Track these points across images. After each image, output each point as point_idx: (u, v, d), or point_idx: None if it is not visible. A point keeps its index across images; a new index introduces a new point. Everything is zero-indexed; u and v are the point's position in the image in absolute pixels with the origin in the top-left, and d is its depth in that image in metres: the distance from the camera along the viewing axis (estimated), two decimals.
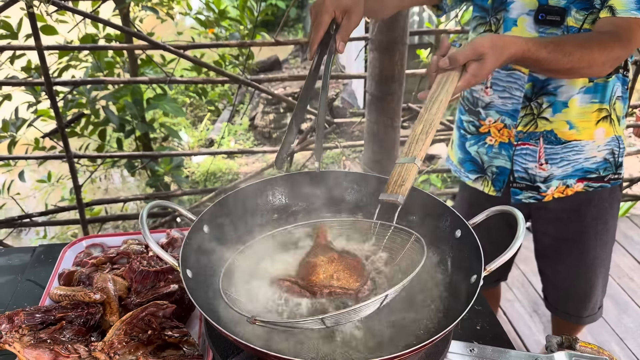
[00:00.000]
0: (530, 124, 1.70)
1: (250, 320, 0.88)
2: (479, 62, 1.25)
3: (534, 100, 1.66)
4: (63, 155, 3.12)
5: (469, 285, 1.00)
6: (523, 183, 1.80)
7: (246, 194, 1.26)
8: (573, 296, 2.04)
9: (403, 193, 1.12)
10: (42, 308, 1.25)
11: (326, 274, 1.08)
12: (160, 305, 1.20)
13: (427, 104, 1.25)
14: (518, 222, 1.04)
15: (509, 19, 1.60)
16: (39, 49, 2.66)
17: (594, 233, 1.87)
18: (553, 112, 1.65)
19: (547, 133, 1.69)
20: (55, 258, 1.49)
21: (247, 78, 3.11)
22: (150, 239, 1.00)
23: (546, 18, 1.52)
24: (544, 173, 1.75)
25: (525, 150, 1.74)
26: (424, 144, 1.18)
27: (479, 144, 1.85)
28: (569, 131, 1.67)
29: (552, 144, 1.71)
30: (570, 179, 1.76)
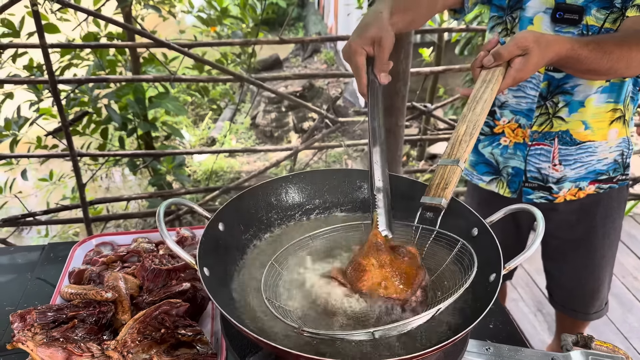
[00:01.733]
0: (545, 124, 1.67)
1: (297, 331, 0.87)
2: (523, 57, 1.22)
3: (549, 100, 1.63)
4: (67, 154, 3.11)
5: (487, 284, 0.99)
6: (535, 183, 1.78)
7: (260, 192, 1.25)
8: (580, 294, 2.04)
9: (447, 197, 1.10)
10: (54, 307, 1.24)
11: (374, 280, 1.03)
12: (173, 304, 1.19)
13: (471, 103, 1.22)
14: (537, 220, 1.03)
15: (525, 17, 1.58)
16: (43, 47, 2.65)
17: (602, 233, 1.87)
18: (569, 112, 1.63)
19: (562, 133, 1.67)
20: (64, 256, 1.48)
21: (251, 77, 3.10)
22: (167, 236, 0.99)
23: (564, 16, 1.49)
24: (557, 174, 1.73)
25: (540, 150, 1.72)
26: (468, 146, 1.15)
27: (493, 144, 1.83)
28: (584, 132, 1.65)
29: (566, 145, 1.68)
30: (582, 182, 1.74)
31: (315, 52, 9.38)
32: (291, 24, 10.90)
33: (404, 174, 4.22)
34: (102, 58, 3.59)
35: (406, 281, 1.02)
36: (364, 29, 1.31)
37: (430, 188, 1.13)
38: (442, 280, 1.08)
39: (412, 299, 1.00)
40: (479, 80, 1.25)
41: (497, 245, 1.03)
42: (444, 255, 1.09)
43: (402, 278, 1.03)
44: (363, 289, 1.02)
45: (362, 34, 1.30)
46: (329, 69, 8.70)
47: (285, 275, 1.10)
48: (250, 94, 7.31)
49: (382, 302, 1.01)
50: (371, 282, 1.02)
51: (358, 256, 1.08)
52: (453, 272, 1.07)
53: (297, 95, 6.56)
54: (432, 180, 1.15)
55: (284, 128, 6.49)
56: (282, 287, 1.08)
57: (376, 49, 1.29)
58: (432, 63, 4.31)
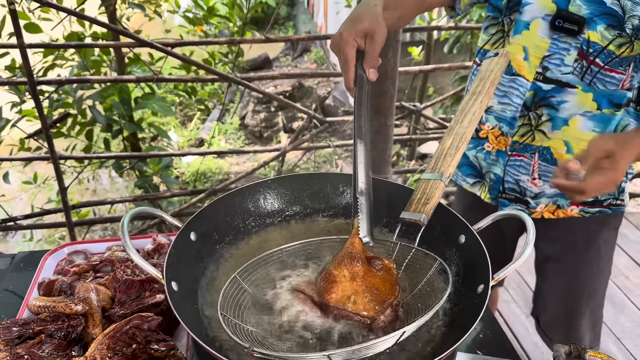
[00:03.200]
0: (527, 136, 1.58)
1: (247, 350, 0.81)
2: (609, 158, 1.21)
3: (532, 110, 1.54)
4: (48, 157, 3.03)
5: (475, 295, 0.94)
6: (512, 195, 1.69)
7: (236, 198, 1.19)
8: (556, 323, 1.91)
9: (427, 213, 1.05)
10: (20, 321, 1.17)
11: (343, 293, 0.96)
12: (145, 318, 1.13)
13: (459, 115, 1.17)
14: (528, 228, 0.98)
15: (521, 21, 1.48)
16: (21, 47, 2.57)
17: (586, 259, 1.74)
18: (552, 128, 1.53)
19: (543, 149, 1.57)
20: (35, 266, 1.41)
21: (237, 76, 3.04)
22: (131, 249, 0.93)
23: (563, 25, 1.40)
24: (535, 189, 1.64)
25: (519, 162, 1.63)
26: (453, 160, 1.10)
27: (477, 148, 1.74)
28: (565, 154, 1.55)
29: (547, 162, 1.59)
30: (562, 199, 1.63)
31: (305, 51, 9.31)
32: (281, 23, 10.83)
33: (394, 174, 4.17)
34: (86, 58, 3.52)
35: (377, 298, 0.96)
36: (357, 20, 1.23)
37: (411, 203, 1.08)
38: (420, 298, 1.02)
39: (381, 318, 0.94)
40: (470, 91, 1.21)
41: (486, 254, 0.98)
42: (425, 271, 1.03)
43: (374, 294, 0.96)
44: (330, 302, 0.96)
45: (355, 25, 1.22)
46: (319, 68, 8.64)
47: (249, 288, 1.03)
48: (239, 94, 7.25)
49: (347, 318, 0.95)
50: (340, 294, 0.96)
51: (330, 265, 1.02)
52: (433, 291, 1.01)
53: (286, 95, 6.49)
54: (413, 195, 1.10)
55: (274, 128, 6.42)
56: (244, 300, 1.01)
57: (368, 43, 1.22)
58: (422, 62, 4.27)
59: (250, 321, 0.97)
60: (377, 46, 1.22)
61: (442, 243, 1.12)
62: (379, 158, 3.03)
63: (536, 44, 1.46)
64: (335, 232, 1.21)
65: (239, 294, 1.00)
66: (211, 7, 4.29)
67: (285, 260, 1.10)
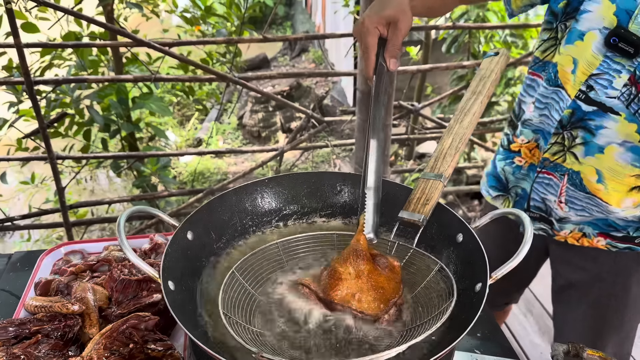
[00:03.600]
0: (558, 155, 1.44)
1: (256, 356, 0.80)
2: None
3: (567, 130, 1.39)
4: (45, 157, 3.02)
5: (473, 294, 0.94)
6: (537, 213, 1.56)
7: (234, 197, 1.19)
8: None
9: (426, 213, 1.04)
10: (16, 321, 1.17)
11: (348, 291, 0.96)
12: (142, 317, 1.12)
13: (458, 115, 1.15)
14: (525, 226, 0.97)
15: (575, 30, 1.31)
16: (17, 47, 2.56)
17: (612, 293, 1.56)
18: (585, 153, 1.38)
19: (573, 173, 1.43)
20: (32, 266, 1.41)
21: (235, 76, 3.03)
22: (127, 248, 0.92)
23: (618, 44, 1.23)
24: (560, 212, 1.50)
25: (548, 180, 1.49)
26: (453, 160, 1.09)
27: (506, 161, 1.63)
28: (596, 183, 1.39)
29: (575, 188, 1.44)
30: (588, 227, 1.49)
31: (303, 51, 9.31)
32: (279, 23, 10.84)
33: (392, 173, 4.17)
34: (83, 58, 3.51)
35: (382, 297, 0.96)
36: (382, 7, 1.19)
37: (410, 202, 1.07)
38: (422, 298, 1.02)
39: (385, 317, 0.94)
40: (469, 90, 1.18)
41: (483, 252, 0.97)
42: (424, 271, 1.03)
43: (378, 293, 0.96)
44: (335, 299, 0.96)
45: (379, 12, 1.19)
46: (317, 67, 8.63)
47: (248, 286, 1.03)
48: (237, 94, 7.24)
49: (351, 316, 0.95)
50: (345, 292, 0.96)
51: (336, 262, 1.01)
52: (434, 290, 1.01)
53: (284, 94, 6.48)
54: (412, 194, 1.09)
55: (272, 128, 6.42)
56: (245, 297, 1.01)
57: (391, 31, 1.18)
58: (419, 61, 4.26)
59: (253, 319, 0.97)
60: (400, 35, 1.19)
61: (439, 241, 1.12)
62: None
63: (587, 59, 1.30)
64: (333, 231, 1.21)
65: (238, 291, 1.00)
66: (209, 7, 4.28)
67: (283, 255, 1.10)
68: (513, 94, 4.23)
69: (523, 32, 4.04)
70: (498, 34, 4.08)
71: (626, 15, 1.21)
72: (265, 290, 1.04)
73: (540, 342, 2.90)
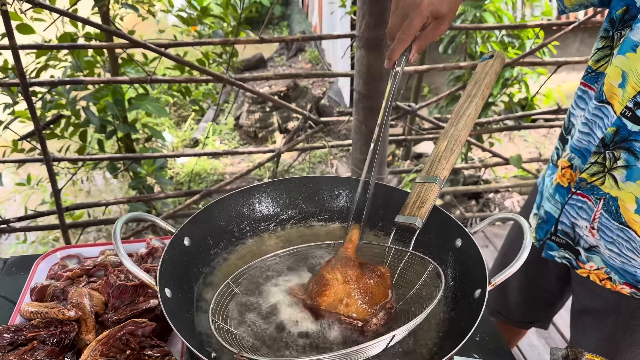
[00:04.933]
0: (597, 176, 1.32)
1: (236, 356, 0.80)
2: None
3: (610, 150, 1.27)
4: (41, 159, 3.01)
5: (472, 300, 0.93)
6: (564, 239, 1.46)
7: (230, 202, 1.18)
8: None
9: (422, 216, 1.03)
10: (12, 327, 1.16)
11: (335, 296, 0.96)
12: (138, 324, 1.11)
13: (454, 118, 1.15)
14: (524, 232, 0.97)
15: (629, 40, 1.18)
16: (13, 48, 2.55)
17: (627, 327, 1.46)
18: (626, 177, 1.25)
19: (609, 198, 1.31)
20: (28, 270, 1.39)
21: (231, 77, 3.02)
22: (123, 255, 0.91)
23: None
24: (591, 239, 1.39)
25: (582, 203, 1.38)
26: (448, 162, 1.08)
27: (551, 176, 1.53)
28: (633, 213, 1.26)
29: (609, 215, 1.32)
30: (615, 274, 1.40)
31: (299, 51, 9.30)
32: (275, 23, 10.82)
33: (390, 174, 4.16)
34: (79, 59, 3.49)
35: (370, 301, 0.96)
36: None
37: (406, 206, 1.06)
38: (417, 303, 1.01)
39: (373, 321, 0.93)
40: (465, 93, 1.17)
41: (482, 258, 0.97)
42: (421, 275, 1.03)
43: (366, 297, 0.96)
44: (322, 305, 0.96)
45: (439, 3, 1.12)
46: (313, 68, 8.62)
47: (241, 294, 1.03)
48: (233, 95, 7.23)
49: (339, 322, 0.94)
50: (332, 298, 0.96)
51: (323, 269, 1.01)
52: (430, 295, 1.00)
53: (281, 95, 6.47)
54: (408, 198, 1.08)
55: (269, 128, 6.40)
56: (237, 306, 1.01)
57: (433, 25, 1.13)
58: (416, 62, 4.26)
59: (242, 326, 0.96)
60: (438, 34, 1.15)
61: (438, 246, 1.11)
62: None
63: (638, 73, 1.17)
64: (331, 236, 1.20)
65: (231, 300, 1.00)
66: (205, 7, 4.27)
67: (280, 265, 1.09)
68: (510, 94, 4.23)
69: (520, 33, 4.03)
70: (495, 35, 4.08)
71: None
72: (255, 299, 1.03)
73: (538, 344, 2.90)
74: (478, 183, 4.52)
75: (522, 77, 4.11)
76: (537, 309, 1.89)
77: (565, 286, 1.70)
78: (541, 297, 1.81)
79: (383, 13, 2.62)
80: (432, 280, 1.02)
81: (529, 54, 3.29)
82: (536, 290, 1.02)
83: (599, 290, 1.46)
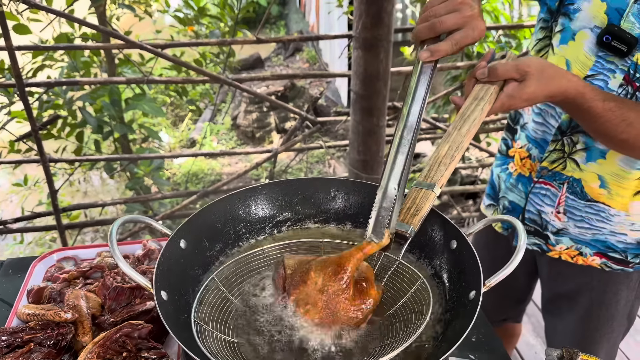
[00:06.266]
0: (558, 163, 1.41)
1: None
2: (520, 83, 1.09)
3: (567, 136, 1.36)
4: (37, 160, 3.00)
5: (467, 302, 0.93)
6: (532, 227, 1.53)
7: (227, 204, 1.18)
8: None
9: (415, 224, 1.02)
10: (8, 329, 1.16)
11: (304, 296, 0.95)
12: (135, 326, 1.12)
13: (457, 121, 1.11)
14: (518, 233, 0.97)
15: (569, 29, 1.28)
16: (9, 49, 2.54)
17: (601, 302, 1.54)
18: (586, 159, 1.35)
19: (573, 181, 1.39)
20: (24, 272, 1.39)
21: (228, 77, 3.02)
22: (119, 258, 0.92)
23: (611, 42, 1.20)
24: (558, 223, 1.47)
25: (545, 191, 1.46)
26: (447, 169, 1.05)
27: (502, 167, 1.60)
28: (598, 189, 1.36)
29: (575, 196, 1.40)
30: (586, 247, 1.47)
31: (297, 50, 9.30)
32: (272, 22, 10.82)
33: None
34: (76, 59, 3.49)
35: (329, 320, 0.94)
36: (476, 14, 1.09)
37: (400, 213, 1.05)
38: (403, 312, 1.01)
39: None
40: (471, 96, 1.14)
41: (477, 259, 0.97)
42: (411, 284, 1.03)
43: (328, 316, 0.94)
44: (290, 298, 0.97)
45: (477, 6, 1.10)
46: (310, 67, 8.63)
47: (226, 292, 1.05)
48: (230, 94, 7.22)
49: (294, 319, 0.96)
50: (301, 296, 0.95)
51: (316, 264, 0.99)
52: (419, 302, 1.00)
53: (278, 94, 6.47)
54: (403, 204, 1.06)
55: (266, 128, 6.41)
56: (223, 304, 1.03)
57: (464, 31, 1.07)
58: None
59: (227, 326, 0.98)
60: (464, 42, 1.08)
61: (432, 248, 1.11)
62: (372, 159, 3.02)
63: (580, 59, 1.27)
64: (327, 238, 1.21)
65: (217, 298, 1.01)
66: (202, 7, 4.27)
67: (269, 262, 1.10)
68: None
69: (516, 33, 4.04)
70: (492, 35, 4.09)
71: (617, 14, 1.19)
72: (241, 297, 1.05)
73: (535, 343, 2.91)
74: (475, 183, 4.53)
75: None
76: (509, 306, 1.95)
77: (532, 280, 1.79)
78: (511, 294, 1.88)
79: (380, 13, 2.63)
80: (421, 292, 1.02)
81: (526, 53, 3.30)
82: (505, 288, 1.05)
83: (570, 271, 1.53)
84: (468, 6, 1.08)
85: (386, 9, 2.63)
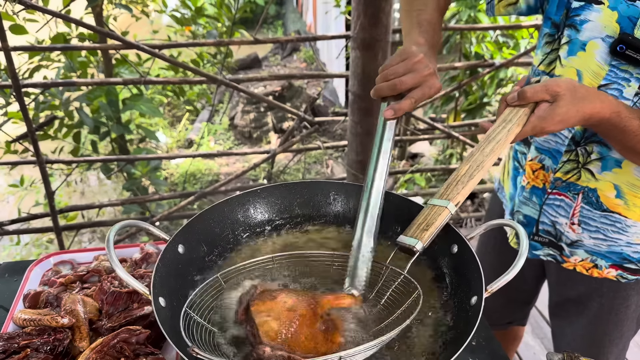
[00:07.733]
0: (572, 173, 1.38)
1: (189, 349, 0.81)
2: (550, 104, 1.08)
3: (582, 146, 1.33)
4: (34, 161, 2.98)
5: (469, 307, 0.92)
6: (546, 238, 1.50)
7: (225, 208, 1.17)
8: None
9: (424, 240, 1.01)
10: (4, 335, 1.14)
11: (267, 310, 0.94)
12: (132, 331, 1.10)
13: (483, 142, 1.10)
14: (520, 238, 0.96)
15: (577, 40, 1.26)
16: (5, 50, 2.53)
17: (611, 307, 1.53)
18: (601, 169, 1.33)
19: (589, 191, 1.37)
20: (21, 276, 1.38)
21: (225, 77, 3.01)
22: (117, 264, 0.90)
23: (625, 52, 1.18)
24: (572, 235, 1.44)
25: (559, 202, 1.43)
26: (464, 188, 1.04)
27: (516, 180, 1.57)
28: (614, 199, 1.35)
29: (591, 206, 1.38)
30: (601, 260, 1.45)
31: (294, 50, 9.29)
32: (270, 22, 10.81)
33: None
34: (72, 59, 3.47)
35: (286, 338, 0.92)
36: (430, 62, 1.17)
37: (411, 227, 1.05)
38: None
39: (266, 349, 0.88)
40: (500, 119, 1.13)
41: (479, 264, 0.96)
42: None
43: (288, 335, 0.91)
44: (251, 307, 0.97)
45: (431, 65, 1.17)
46: (308, 67, 8.61)
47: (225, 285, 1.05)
48: (228, 95, 7.21)
49: None
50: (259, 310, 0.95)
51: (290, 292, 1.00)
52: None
53: (275, 94, 6.46)
54: (416, 219, 1.06)
55: (263, 128, 6.39)
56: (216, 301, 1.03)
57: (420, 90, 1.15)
58: None
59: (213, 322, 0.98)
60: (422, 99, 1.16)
61: (433, 252, 1.10)
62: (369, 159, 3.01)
63: (592, 70, 1.25)
64: (326, 241, 1.20)
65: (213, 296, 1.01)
66: (199, 8, 4.26)
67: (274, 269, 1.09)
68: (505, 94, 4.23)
69: (514, 33, 4.04)
70: (489, 35, 4.08)
71: (629, 22, 1.17)
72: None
73: (534, 344, 2.91)
74: None
75: (517, 77, 4.11)
76: (515, 309, 1.95)
77: (539, 283, 1.78)
78: (518, 298, 1.87)
79: (377, 14, 2.62)
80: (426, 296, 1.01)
81: (523, 54, 3.30)
82: (513, 291, 1.06)
83: (580, 278, 1.50)
84: (424, 65, 1.15)
85: (384, 9, 2.62)
